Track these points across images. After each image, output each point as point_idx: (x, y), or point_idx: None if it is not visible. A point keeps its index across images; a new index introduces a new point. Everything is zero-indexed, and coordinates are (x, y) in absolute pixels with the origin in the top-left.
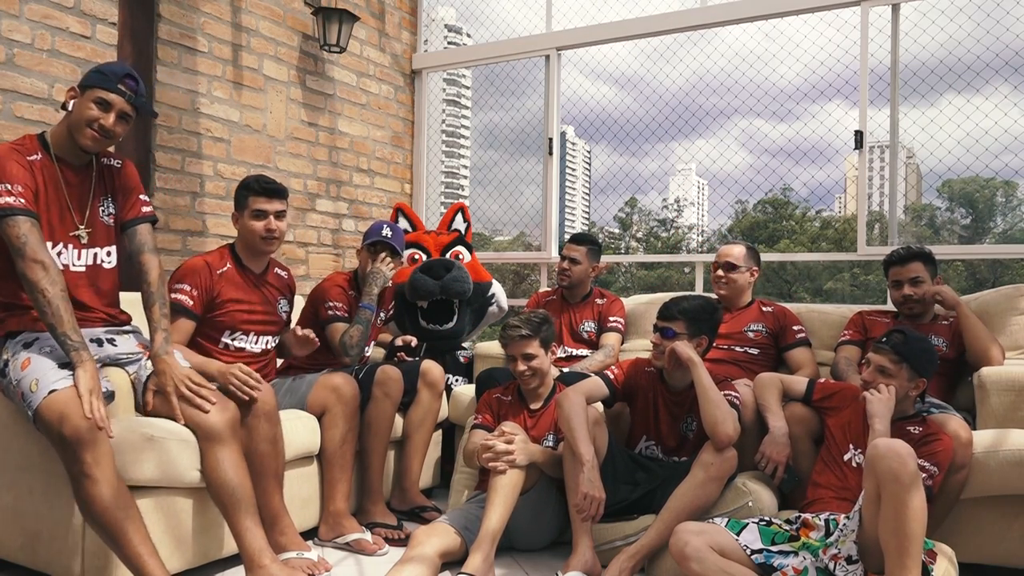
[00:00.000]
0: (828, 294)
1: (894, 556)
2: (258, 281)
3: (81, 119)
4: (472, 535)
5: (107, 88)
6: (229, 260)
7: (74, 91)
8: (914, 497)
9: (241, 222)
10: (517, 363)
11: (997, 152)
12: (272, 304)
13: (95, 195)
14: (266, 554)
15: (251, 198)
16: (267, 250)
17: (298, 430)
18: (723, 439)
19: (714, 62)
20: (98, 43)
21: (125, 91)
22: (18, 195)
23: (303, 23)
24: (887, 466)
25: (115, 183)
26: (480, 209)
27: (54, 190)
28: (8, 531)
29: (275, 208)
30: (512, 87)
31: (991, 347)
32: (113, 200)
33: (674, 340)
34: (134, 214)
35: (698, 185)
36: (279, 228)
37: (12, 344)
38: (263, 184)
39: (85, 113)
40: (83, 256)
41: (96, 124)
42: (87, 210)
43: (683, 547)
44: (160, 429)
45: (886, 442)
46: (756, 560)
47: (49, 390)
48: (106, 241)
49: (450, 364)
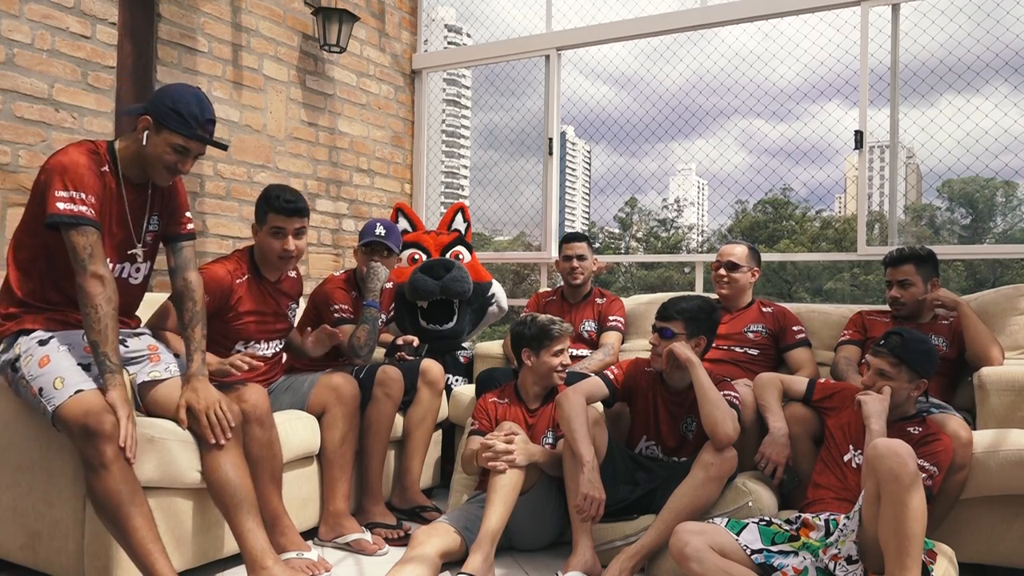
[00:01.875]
0: (828, 294)
1: (894, 556)
2: (273, 290)
3: (158, 160)
4: (472, 535)
5: (188, 136)
6: (247, 269)
7: (147, 121)
8: (914, 497)
9: (259, 236)
10: (563, 356)
11: (997, 152)
12: (283, 311)
13: (149, 214)
14: (268, 555)
15: (271, 215)
16: (283, 268)
17: (297, 430)
18: (722, 439)
19: (714, 62)
20: (98, 43)
21: (205, 136)
22: (90, 205)
23: (303, 23)
24: (887, 466)
25: (165, 202)
26: (480, 209)
27: (116, 206)
28: (8, 531)
29: (294, 227)
30: (512, 87)
31: (991, 347)
32: (160, 217)
33: (672, 340)
34: (182, 231)
35: (698, 185)
36: (297, 248)
37: (26, 340)
38: (284, 202)
39: (163, 157)
40: (115, 270)
41: (173, 167)
42: (142, 229)
43: (683, 547)
44: (160, 430)
45: (886, 442)
46: (756, 560)
47: (76, 390)
48: (145, 258)
49: (450, 364)
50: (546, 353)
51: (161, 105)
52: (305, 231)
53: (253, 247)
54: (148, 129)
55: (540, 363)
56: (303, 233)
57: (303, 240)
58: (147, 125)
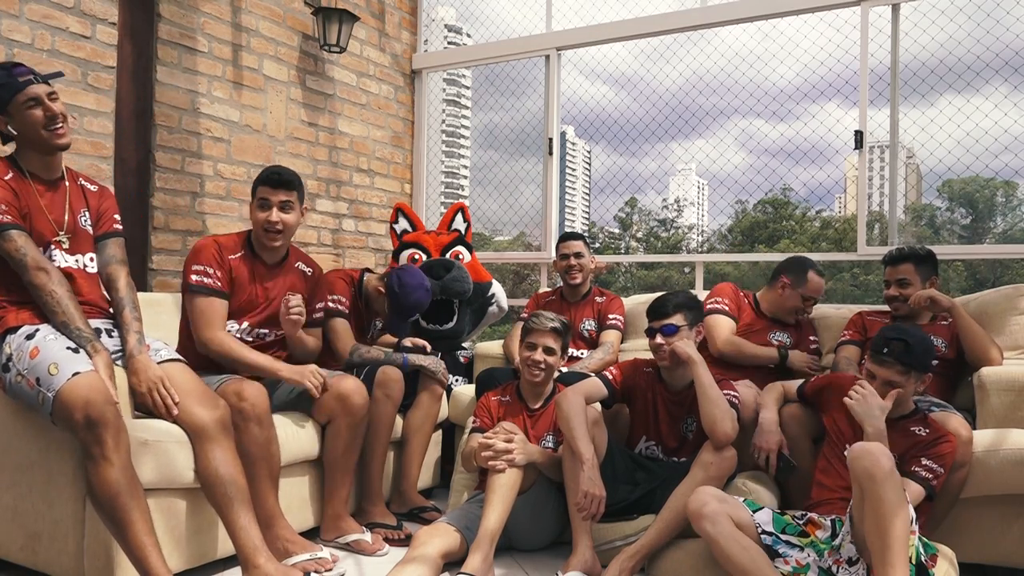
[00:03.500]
0: (828, 294)
1: (878, 553)
2: (268, 273)
3: (35, 129)
4: (473, 534)
5: (21, 88)
6: (242, 247)
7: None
8: (889, 491)
9: (251, 211)
10: (536, 352)
11: (997, 152)
12: (276, 300)
13: (71, 206)
14: (261, 553)
15: (258, 187)
16: (268, 243)
17: (299, 435)
18: (721, 438)
19: (714, 62)
20: (98, 43)
21: (31, 77)
22: (3, 212)
23: (303, 23)
24: (861, 466)
25: (90, 201)
26: (480, 209)
27: (34, 201)
28: (8, 531)
29: (279, 198)
30: (512, 87)
31: (989, 348)
32: (89, 213)
33: (676, 335)
34: (106, 229)
35: (698, 185)
36: (282, 220)
37: (13, 338)
38: (270, 172)
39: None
40: (68, 260)
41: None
42: (64, 220)
43: (702, 507)
44: (156, 432)
45: (860, 444)
46: (764, 540)
47: (72, 372)
48: (88, 247)
49: (450, 364)
50: (524, 346)
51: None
52: (292, 206)
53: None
54: (9, 123)
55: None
56: (290, 207)
57: (291, 215)
58: (4, 122)
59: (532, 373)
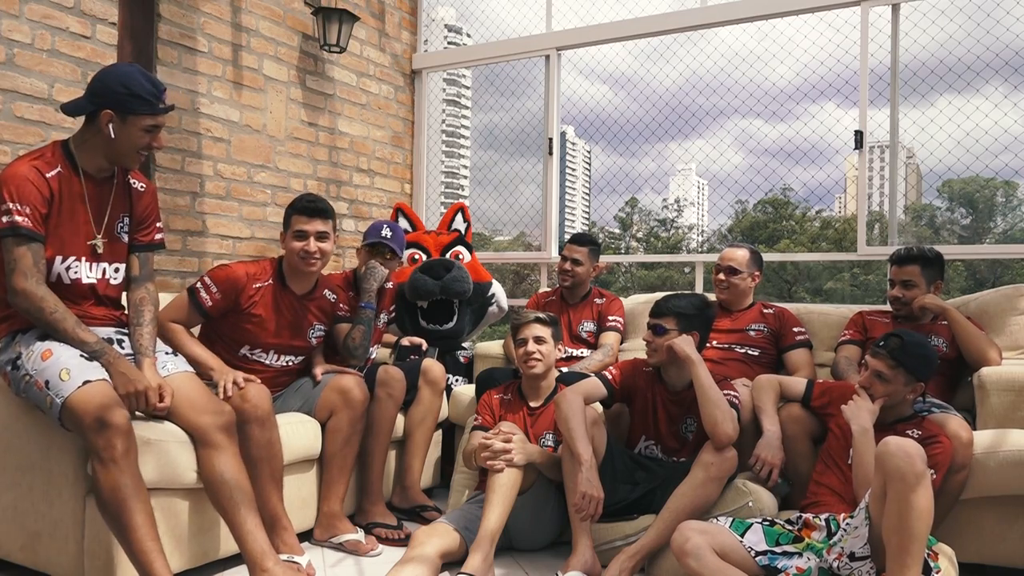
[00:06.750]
0: (828, 294)
1: (895, 554)
2: (297, 303)
3: (132, 147)
4: (472, 535)
5: (156, 113)
6: (272, 277)
7: (109, 115)
8: (920, 497)
9: (285, 241)
10: (527, 344)
11: (997, 152)
12: (302, 329)
13: (114, 210)
14: (269, 557)
15: (293, 217)
16: (306, 271)
17: (300, 434)
18: (722, 438)
19: (713, 62)
20: (98, 43)
21: (168, 107)
22: (26, 216)
23: (303, 23)
24: (894, 464)
25: (134, 206)
26: (480, 209)
27: (74, 202)
28: (8, 531)
29: (316, 229)
30: (512, 87)
31: (988, 349)
32: (131, 220)
33: (664, 336)
34: (148, 239)
35: (698, 185)
36: (319, 249)
37: (24, 338)
38: (305, 202)
39: (137, 142)
40: (94, 270)
41: (148, 146)
42: (103, 222)
43: (684, 543)
44: (158, 432)
45: (897, 440)
46: (760, 562)
47: (84, 380)
48: (117, 257)
49: (450, 364)
50: (516, 346)
51: (114, 94)
52: (328, 236)
53: (283, 258)
54: (112, 122)
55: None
56: (326, 237)
57: (327, 244)
58: (110, 119)
59: (529, 365)
